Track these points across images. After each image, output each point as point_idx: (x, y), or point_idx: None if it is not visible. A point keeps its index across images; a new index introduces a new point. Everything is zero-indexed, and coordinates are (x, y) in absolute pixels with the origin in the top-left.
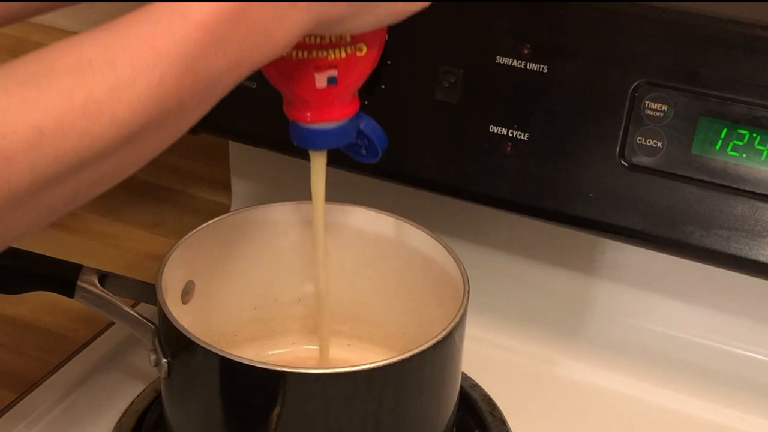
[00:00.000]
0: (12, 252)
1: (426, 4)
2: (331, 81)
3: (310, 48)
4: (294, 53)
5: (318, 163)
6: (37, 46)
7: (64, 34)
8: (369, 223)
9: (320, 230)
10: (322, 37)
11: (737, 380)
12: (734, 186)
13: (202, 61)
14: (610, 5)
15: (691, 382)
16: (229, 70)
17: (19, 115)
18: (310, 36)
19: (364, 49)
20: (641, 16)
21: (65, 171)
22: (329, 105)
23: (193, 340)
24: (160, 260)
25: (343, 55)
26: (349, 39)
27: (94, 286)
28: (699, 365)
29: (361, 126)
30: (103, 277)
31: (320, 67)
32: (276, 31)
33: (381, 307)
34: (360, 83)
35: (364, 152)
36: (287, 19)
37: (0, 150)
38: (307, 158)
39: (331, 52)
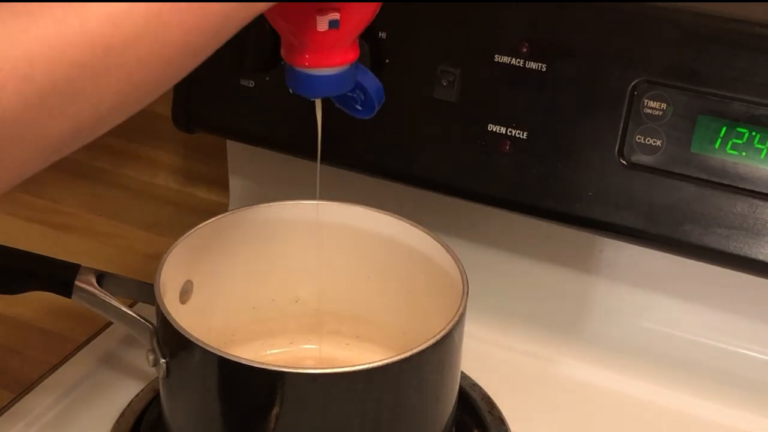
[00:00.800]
0: (9, 252)
1: None
2: (333, 24)
3: None
4: None
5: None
6: None
7: None
8: (368, 222)
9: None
10: None
11: (737, 379)
12: (733, 184)
13: None
14: (610, 4)
15: (690, 381)
16: (236, 7)
17: (10, 42)
18: None
19: None
20: (640, 15)
21: (59, 100)
22: (329, 50)
23: (192, 339)
24: (158, 260)
25: None
26: None
27: (92, 285)
28: (699, 364)
29: (358, 78)
30: (101, 277)
31: (323, 10)
32: None
33: (380, 306)
34: (362, 29)
35: (359, 107)
36: None
37: None
38: (303, 157)
39: None
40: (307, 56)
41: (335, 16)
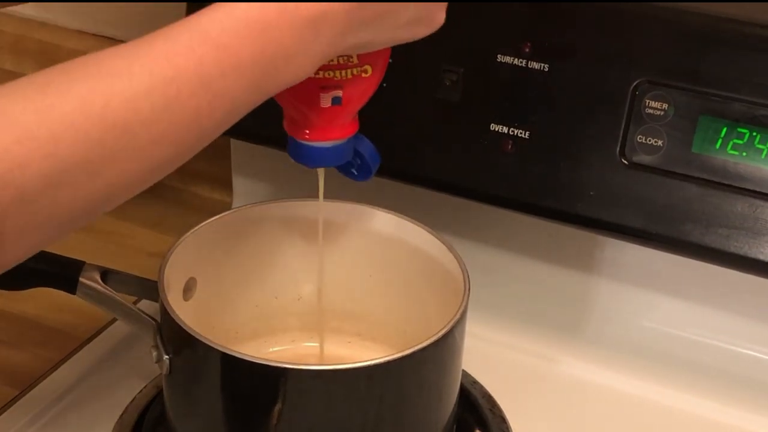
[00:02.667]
0: None
1: (437, 27)
2: (336, 101)
3: (318, 68)
4: None
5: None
6: (39, 43)
7: (66, 31)
8: (370, 220)
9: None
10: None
11: (738, 378)
12: (734, 184)
13: (220, 81)
14: (611, 4)
15: (691, 381)
16: (248, 92)
17: (36, 120)
18: None
19: (370, 71)
20: (642, 15)
21: (77, 179)
22: (330, 124)
23: (195, 336)
24: (161, 257)
25: (350, 76)
26: (356, 61)
27: (96, 282)
28: (700, 364)
29: (358, 146)
30: (105, 274)
31: (326, 87)
32: (298, 58)
33: (382, 304)
34: (362, 104)
35: (355, 171)
36: (310, 49)
37: (16, 154)
38: None
39: (338, 72)
40: (308, 131)
41: (338, 93)
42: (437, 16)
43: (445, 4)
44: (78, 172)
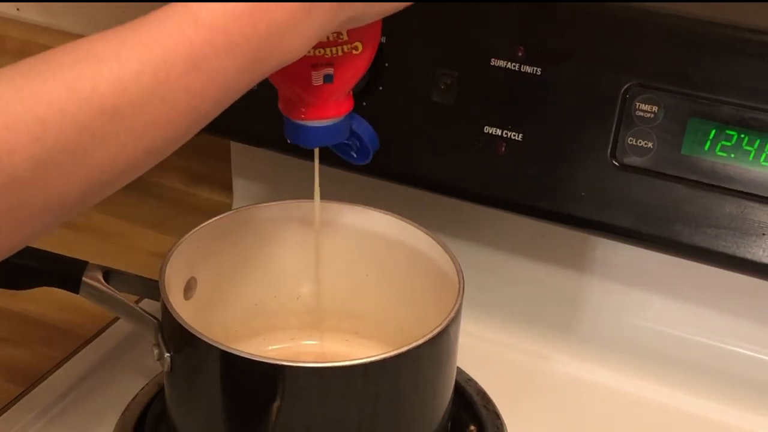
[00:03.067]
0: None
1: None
2: (327, 79)
3: None
4: None
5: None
6: (44, 47)
7: (70, 36)
8: (367, 221)
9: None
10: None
11: (729, 376)
12: (723, 185)
13: (212, 61)
14: (603, 8)
15: (683, 378)
16: (241, 72)
17: (23, 107)
18: None
19: (360, 48)
20: (633, 19)
21: (68, 163)
22: (324, 103)
23: (195, 334)
24: (162, 257)
25: (340, 53)
26: (346, 38)
27: (99, 282)
28: (692, 362)
29: (354, 126)
30: (108, 274)
31: (317, 65)
32: (291, 36)
33: (378, 303)
34: (355, 82)
35: (354, 154)
36: (304, 26)
37: (6, 140)
38: (304, 158)
39: (328, 50)
40: (303, 110)
41: (329, 70)
42: None
43: None
44: (67, 156)
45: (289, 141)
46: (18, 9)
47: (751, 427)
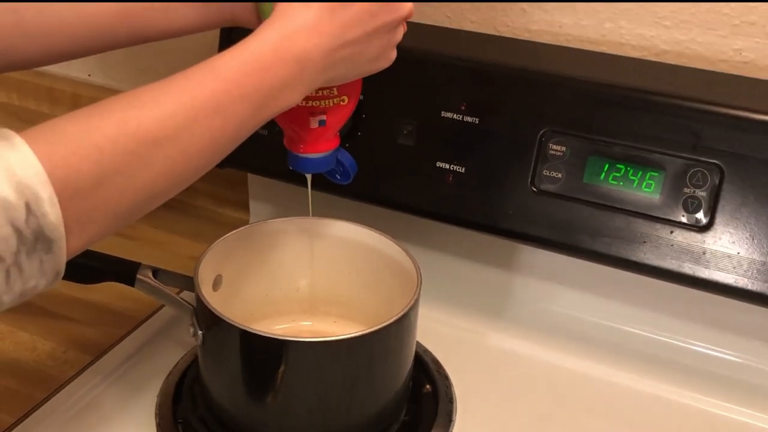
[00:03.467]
0: (89, 253)
1: (390, 64)
2: (321, 123)
3: (307, 99)
4: None
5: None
6: (91, 99)
7: (113, 92)
8: (349, 232)
9: (313, 230)
10: (316, 91)
11: (620, 349)
12: (614, 206)
13: (228, 107)
14: (525, 73)
15: (585, 351)
16: (252, 115)
17: (85, 137)
18: None
19: (347, 100)
20: (547, 82)
21: (121, 180)
22: (318, 141)
23: (221, 317)
24: (196, 260)
25: (331, 104)
26: (336, 93)
27: (149, 278)
28: (591, 338)
29: (339, 156)
30: (156, 272)
31: (314, 113)
32: (288, 90)
33: (358, 293)
34: (342, 125)
35: (338, 176)
36: (298, 79)
37: (71, 163)
38: (303, 185)
39: (322, 102)
40: (302, 145)
41: (323, 117)
42: (391, 54)
43: (395, 46)
44: (120, 176)
45: (291, 168)
46: (89, 75)
47: (634, 385)
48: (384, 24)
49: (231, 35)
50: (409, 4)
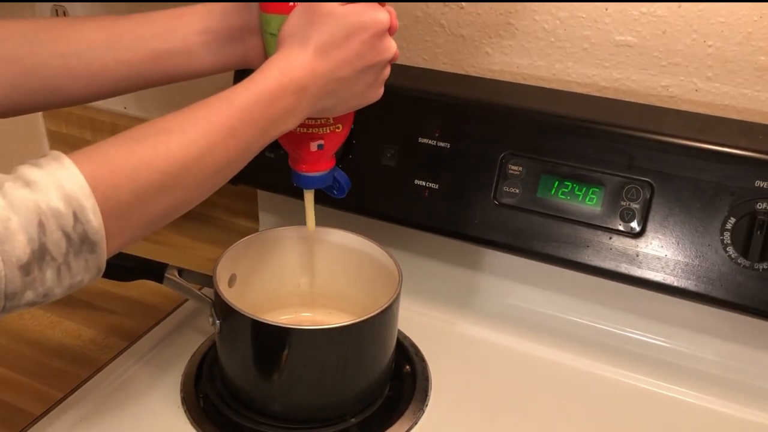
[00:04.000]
0: (125, 256)
1: (377, 98)
2: (320, 147)
3: (308, 126)
4: (298, 129)
5: (309, 197)
6: (127, 128)
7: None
8: (343, 238)
9: (312, 237)
10: (315, 120)
11: (571, 337)
12: (562, 216)
13: (240, 130)
14: (487, 106)
15: (541, 338)
16: (258, 137)
17: (123, 159)
18: (308, 119)
19: (341, 127)
20: (507, 113)
21: (154, 195)
22: (317, 161)
23: (235, 309)
24: (214, 261)
25: (328, 131)
26: (331, 121)
27: (176, 276)
28: (546, 327)
29: (335, 174)
30: (181, 271)
31: (313, 138)
32: (290, 115)
33: (349, 289)
34: (337, 148)
35: (335, 192)
36: (297, 109)
37: (111, 180)
38: (302, 198)
39: (320, 129)
40: (304, 165)
41: (321, 141)
42: (378, 90)
43: (383, 84)
44: (154, 191)
45: (294, 185)
46: (125, 108)
47: (577, 365)
48: (370, 65)
49: (243, 76)
50: (394, 49)
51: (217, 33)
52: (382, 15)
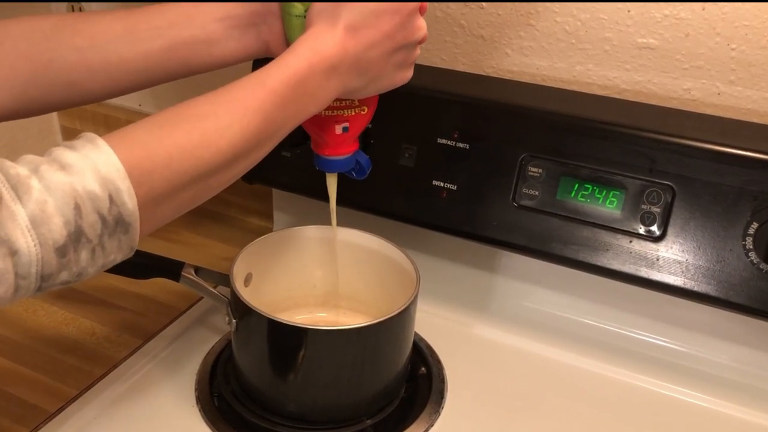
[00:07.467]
0: (142, 254)
1: (406, 81)
2: (345, 129)
3: (333, 109)
4: (323, 112)
5: (332, 181)
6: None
7: None
8: (359, 239)
9: (334, 223)
10: (341, 102)
11: (586, 340)
12: (582, 219)
13: (272, 112)
14: (507, 107)
15: (556, 340)
16: (289, 118)
17: (158, 145)
18: (334, 101)
19: (366, 110)
20: (527, 114)
21: (187, 181)
22: (341, 144)
23: (252, 307)
24: (231, 260)
25: (353, 113)
26: (357, 103)
27: (192, 275)
28: (562, 330)
29: (357, 157)
30: (197, 270)
31: (338, 121)
32: (320, 95)
33: (366, 290)
34: (361, 131)
35: (354, 174)
36: (327, 88)
37: (145, 166)
38: (319, 197)
39: (345, 111)
40: (327, 149)
41: (346, 124)
42: (407, 72)
43: (412, 66)
44: (188, 177)
45: (317, 168)
46: (140, 105)
47: (594, 369)
48: (401, 45)
49: (262, 65)
50: (424, 30)
51: (237, 18)
52: None
